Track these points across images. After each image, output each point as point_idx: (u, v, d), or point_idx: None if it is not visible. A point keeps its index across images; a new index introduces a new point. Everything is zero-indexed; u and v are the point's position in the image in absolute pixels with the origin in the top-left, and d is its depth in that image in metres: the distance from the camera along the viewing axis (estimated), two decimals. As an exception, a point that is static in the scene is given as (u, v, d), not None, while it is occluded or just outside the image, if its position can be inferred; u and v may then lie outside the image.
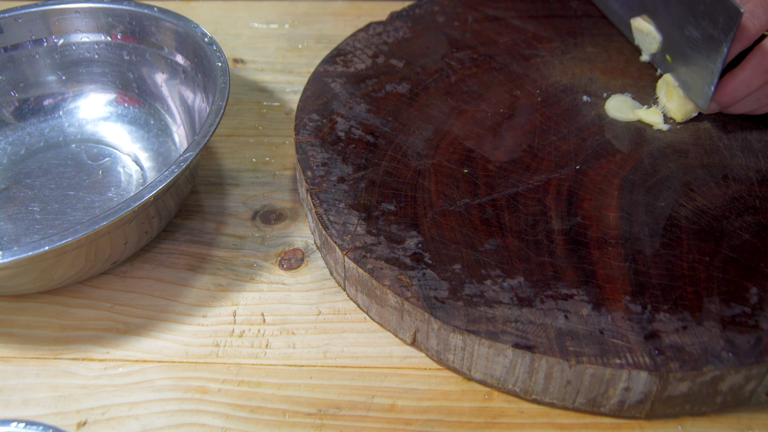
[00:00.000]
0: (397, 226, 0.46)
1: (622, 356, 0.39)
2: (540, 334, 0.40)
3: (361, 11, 0.76)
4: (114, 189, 0.54)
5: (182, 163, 0.44)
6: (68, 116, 0.60)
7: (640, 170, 0.50)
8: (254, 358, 0.44)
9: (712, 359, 0.38)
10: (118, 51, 0.59)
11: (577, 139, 0.53)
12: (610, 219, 0.46)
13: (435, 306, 0.41)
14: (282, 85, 0.66)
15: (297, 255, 0.51)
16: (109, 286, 0.49)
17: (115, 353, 0.45)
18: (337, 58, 0.60)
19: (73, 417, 0.42)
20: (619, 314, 0.41)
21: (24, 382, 0.43)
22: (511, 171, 0.50)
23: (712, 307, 0.41)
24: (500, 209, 0.47)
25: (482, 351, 0.40)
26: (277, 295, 0.48)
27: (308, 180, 0.49)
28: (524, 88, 0.58)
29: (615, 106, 0.55)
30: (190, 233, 0.52)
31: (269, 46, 0.72)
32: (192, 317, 0.47)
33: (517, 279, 0.43)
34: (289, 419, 0.41)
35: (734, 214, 0.47)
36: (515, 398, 0.42)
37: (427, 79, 0.58)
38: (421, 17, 0.65)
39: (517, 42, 0.62)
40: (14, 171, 0.56)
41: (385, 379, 0.43)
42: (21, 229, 0.51)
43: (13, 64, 0.59)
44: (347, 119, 0.54)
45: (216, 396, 0.42)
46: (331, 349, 0.45)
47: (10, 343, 0.46)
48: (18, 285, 0.45)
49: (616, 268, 0.43)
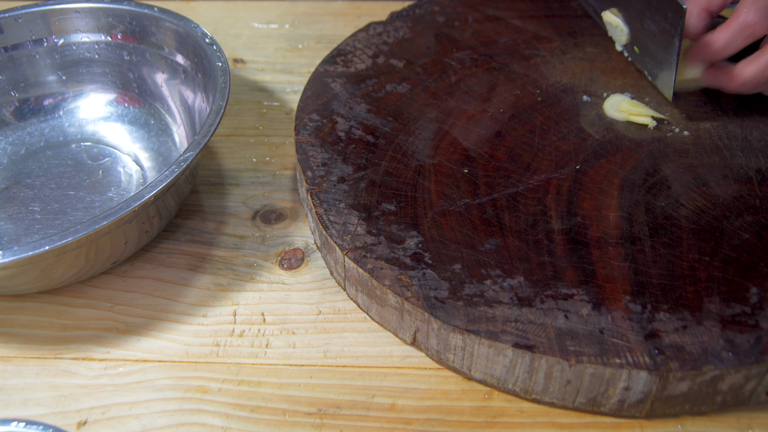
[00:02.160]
0: (397, 226, 0.46)
1: (622, 356, 0.39)
2: (540, 333, 0.40)
3: (361, 11, 0.76)
4: (114, 189, 0.54)
5: (182, 162, 0.44)
6: (68, 116, 0.60)
7: (640, 170, 0.50)
8: (254, 358, 0.44)
9: (712, 359, 0.38)
10: (118, 51, 0.59)
11: (577, 139, 0.53)
12: (610, 219, 0.46)
13: (435, 306, 0.41)
14: (282, 85, 0.66)
15: (297, 255, 0.51)
16: (109, 286, 0.49)
17: (116, 353, 0.45)
18: (337, 58, 0.60)
19: (73, 416, 0.42)
20: (619, 314, 0.41)
21: (24, 382, 0.43)
22: (511, 171, 0.50)
23: (712, 307, 0.41)
24: (500, 209, 0.47)
25: (482, 351, 0.40)
26: (278, 294, 0.48)
27: (308, 180, 0.49)
28: (524, 88, 0.58)
29: (613, 106, 0.55)
30: (190, 233, 0.52)
31: (269, 46, 0.72)
32: (192, 317, 0.47)
33: (517, 279, 0.43)
34: (290, 419, 0.41)
35: (734, 214, 0.47)
36: (515, 398, 0.42)
37: (427, 79, 0.58)
38: (421, 17, 0.65)
39: (517, 42, 0.62)
40: (14, 171, 0.56)
41: (385, 378, 0.43)
42: (21, 229, 0.51)
43: (14, 64, 0.59)
44: (347, 119, 0.54)
45: (216, 395, 0.42)
46: (331, 348, 0.45)
47: (10, 342, 0.46)
48: (18, 285, 0.45)
49: (616, 267, 0.43)
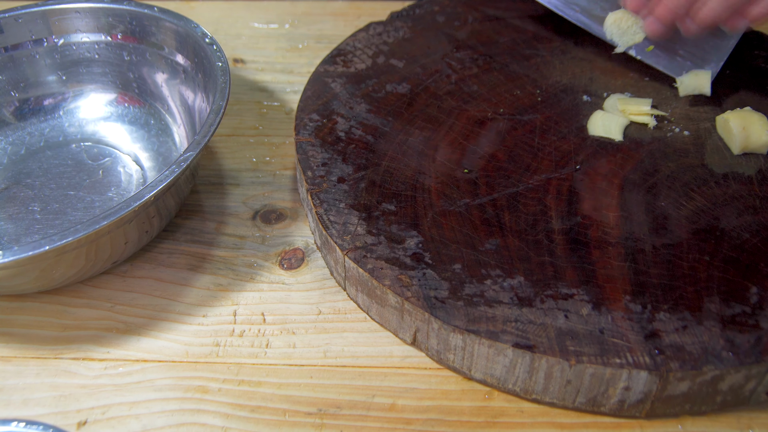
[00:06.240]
0: (397, 226, 0.46)
1: (622, 356, 0.39)
2: (540, 333, 0.40)
3: (361, 11, 0.76)
4: (114, 189, 0.54)
5: (182, 162, 0.44)
6: (68, 116, 0.60)
7: (640, 170, 0.50)
8: (254, 358, 0.44)
9: (712, 359, 0.38)
10: (118, 51, 0.59)
11: (577, 139, 0.53)
12: (610, 219, 0.46)
13: (435, 306, 0.41)
14: (282, 85, 0.66)
15: (297, 255, 0.51)
16: (109, 286, 0.49)
17: (116, 353, 0.45)
18: (337, 58, 0.60)
19: (73, 416, 0.42)
20: (619, 314, 0.41)
21: (24, 382, 0.43)
22: (511, 171, 0.50)
23: (712, 307, 0.41)
24: (500, 209, 0.47)
25: (482, 351, 0.40)
26: (278, 294, 0.48)
27: (308, 180, 0.49)
28: (524, 88, 0.58)
29: (612, 106, 0.55)
30: (190, 233, 0.52)
31: (269, 46, 0.72)
32: (192, 317, 0.47)
33: (517, 279, 0.43)
34: (290, 419, 0.41)
35: (734, 214, 0.47)
36: (515, 398, 0.42)
37: (427, 79, 0.58)
38: (421, 17, 0.65)
39: (517, 42, 0.62)
40: (14, 171, 0.56)
41: (385, 378, 0.43)
42: (21, 229, 0.51)
43: (14, 64, 0.59)
44: (347, 119, 0.54)
45: (216, 395, 0.42)
46: (331, 348, 0.45)
47: (10, 342, 0.46)
48: (18, 285, 0.45)
49: (616, 267, 0.43)
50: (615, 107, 0.55)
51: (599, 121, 0.54)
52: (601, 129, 0.53)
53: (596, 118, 0.54)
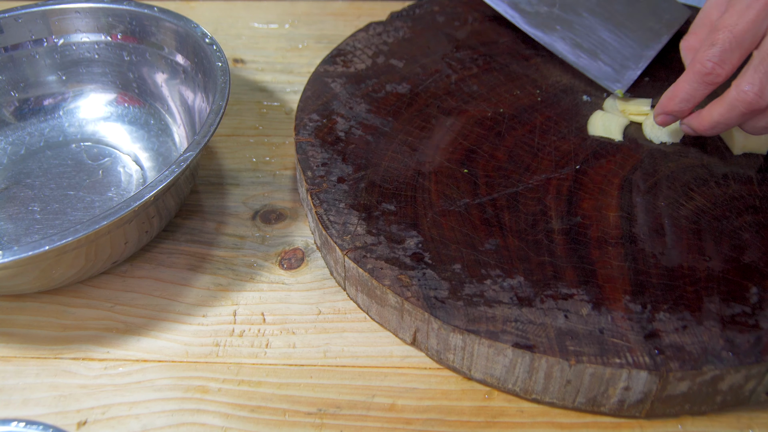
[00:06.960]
0: (397, 226, 0.46)
1: (622, 356, 0.39)
2: (540, 333, 0.40)
3: (361, 11, 0.76)
4: (114, 189, 0.54)
5: (182, 162, 0.44)
6: (68, 116, 0.60)
7: (640, 170, 0.50)
8: (254, 358, 0.44)
9: (712, 359, 0.38)
10: (118, 51, 0.59)
11: (577, 139, 0.53)
12: (610, 219, 0.46)
13: (435, 306, 0.41)
14: (282, 85, 0.66)
15: (297, 255, 0.51)
16: (109, 286, 0.49)
17: (116, 353, 0.45)
18: (337, 58, 0.60)
19: (73, 416, 0.42)
20: (619, 314, 0.41)
21: (24, 382, 0.43)
22: (511, 171, 0.50)
23: (712, 307, 0.41)
24: (500, 209, 0.47)
25: (482, 350, 0.40)
26: (277, 294, 0.48)
27: (308, 180, 0.49)
28: (524, 88, 0.58)
29: (612, 106, 0.55)
30: (190, 233, 0.52)
31: (269, 46, 0.72)
32: (192, 317, 0.47)
33: (517, 279, 0.43)
34: (290, 419, 0.41)
35: (734, 214, 0.47)
36: (515, 398, 0.42)
37: (427, 79, 0.58)
38: (421, 17, 0.65)
39: (517, 42, 0.62)
40: (14, 171, 0.56)
41: (385, 378, 0.43)
42: (21, 229, 0.51)
43: (14, 64, 0.59)
44: (347, 119, 0.54)
45: (216, 395, 0.42)
46: (331, 348, 0.45)
47: (10, 342, 0.46)
48: (18, 285, 0.45)
49: (616, 267, 0.43)
50: (615, 107, 0.55)
51: (599, 121, 0.54)
52: (601, 129, 0.53)
53: (596, 118, 0.54)
